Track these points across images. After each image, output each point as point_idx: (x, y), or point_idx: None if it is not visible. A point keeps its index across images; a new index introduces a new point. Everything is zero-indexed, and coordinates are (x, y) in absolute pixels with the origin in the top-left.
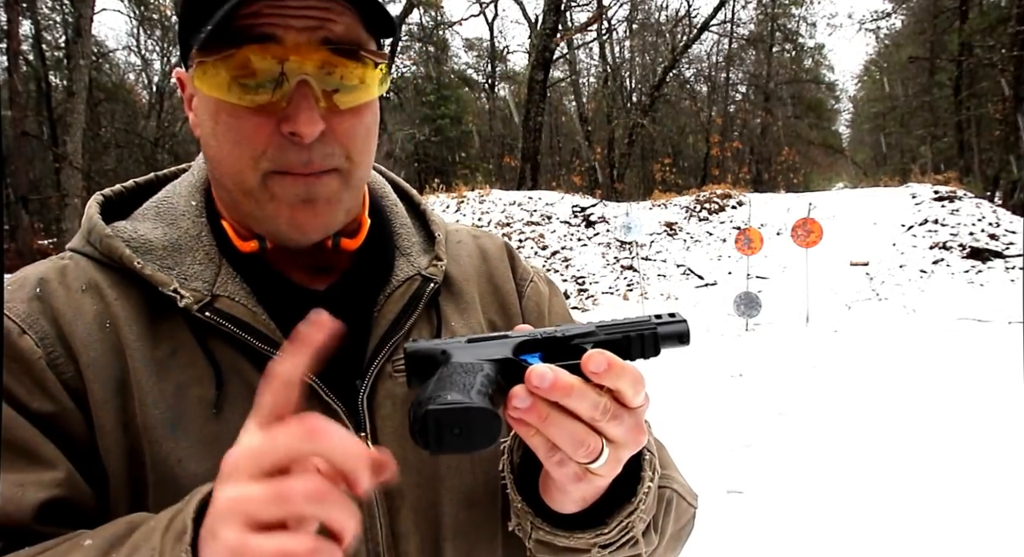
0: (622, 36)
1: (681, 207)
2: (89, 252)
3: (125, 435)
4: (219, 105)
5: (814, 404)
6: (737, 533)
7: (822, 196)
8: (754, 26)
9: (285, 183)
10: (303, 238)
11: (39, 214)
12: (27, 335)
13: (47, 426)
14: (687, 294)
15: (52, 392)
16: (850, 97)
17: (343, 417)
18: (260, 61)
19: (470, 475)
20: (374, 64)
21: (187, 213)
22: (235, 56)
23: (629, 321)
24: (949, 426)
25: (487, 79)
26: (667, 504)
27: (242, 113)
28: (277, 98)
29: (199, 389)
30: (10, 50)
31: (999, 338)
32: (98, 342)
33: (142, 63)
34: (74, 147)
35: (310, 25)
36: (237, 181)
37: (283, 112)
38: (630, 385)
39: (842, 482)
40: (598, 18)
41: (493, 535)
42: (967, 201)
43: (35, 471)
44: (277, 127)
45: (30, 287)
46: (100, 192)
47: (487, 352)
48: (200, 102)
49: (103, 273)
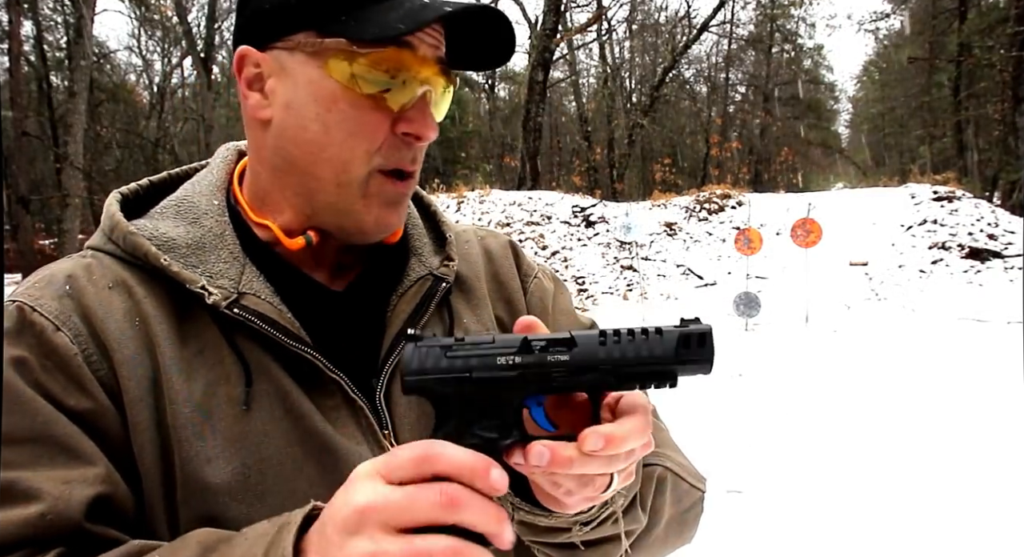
0: (622, 36)
1: (681, 207)
2: (112, 250)
3: (158, 433)
4: (341, 93)
5: (814, 404)
6: (737, 533)
7: (821, 196)
8: (753, 27)
9: (386, 185)
10: (381, 236)
11: (40, 214)
12: (61, 332)
13: (85, 423)
14: (687, 294)
15: (89, 389)
16: (849, 97)
17: (368, 414)
18: (400, 65)
19: None
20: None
21: (210, 212)
22: (381, 53)
23: (645, 356)
24: (949, 426)
25: (487, 79)
26: (658, 483)
27: (368, 107)
28: (405, 100)
29: (227, 387)
30: (11, 51)
31: (998, 338)
32: (130, 339)
33: (143, 64)
34: (75, 147)
35: (435, 43)
36: (340, 170)
37: (404, 114)
38: (636, 441)
39: (842, 482)
40: (598, 18)
41: None
42: (966, 201)
43: (79, 468)
44: (393, 127)
45: (59, 284)
46: (118, 190)
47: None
48: (304, 85)
49: (129, 271)
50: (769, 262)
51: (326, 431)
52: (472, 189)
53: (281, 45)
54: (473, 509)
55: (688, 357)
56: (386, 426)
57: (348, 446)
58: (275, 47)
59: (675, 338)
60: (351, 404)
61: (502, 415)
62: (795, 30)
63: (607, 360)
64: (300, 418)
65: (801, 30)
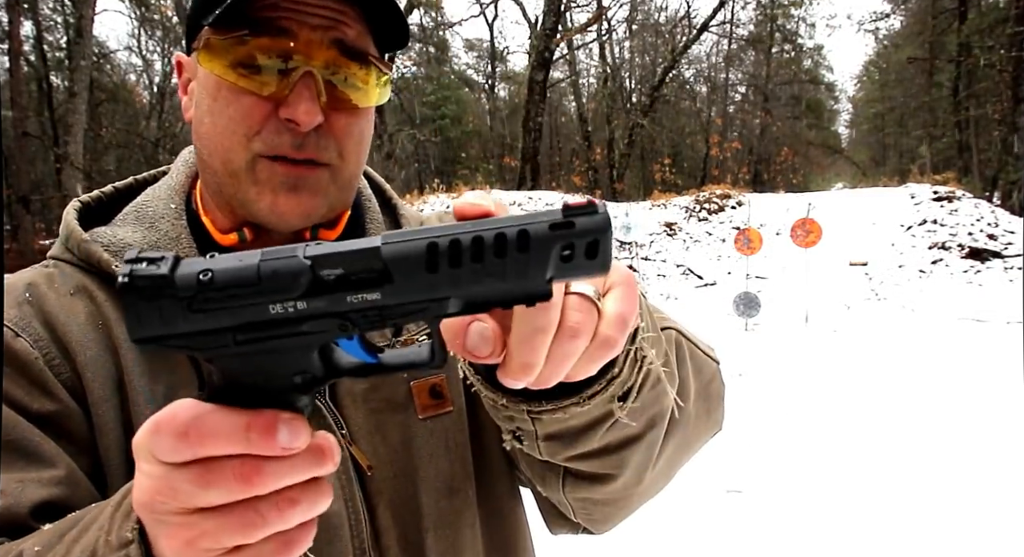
0: (622, 37)
1: (681, 207)
2: (69, 258)
3: (124, 433)
4: (220, 84)
5: (814, 404)
6: (737, 533)
7: (821, 196)
8: (753, 27)
9: (274, 168)
10: (282, 224)
11: (40, 214)
12: (21, 338)
13: (49, 425)
14: (687, 294)
15: (52, 391)
16: (849, 98)
17: (326, 415)
18: (270, 50)
19: (445, 462)
20: (378, 72)
21: (166, 216)
22: (247, 41)
23: (499, 287)
24: (948, 426)
25: (487, 79)
26: (676, 346)
27: (242, 93)
28: (281, 86)
29: (188, 391)
30: (11, 51)
31: (998, 338)
32: (93, 342)
33: (143, 64)
34: (75, 147)
35: (323, 24)
36: (225, 159)
37: (284, 99)
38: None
39: (842, 482)
40: (598, 18)
41: (473, 521)
42: (966, 201)
43: (35, 470)
44: (275, 112)
45: (19, 292)
46: (77, 198)
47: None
48: (200, 81)
49: (89, 277)
50: (769, 262)
51: None
52: (472, 189)
53: (195, 46)
54: (267, 480)
55: (568, 276)
56: (342, 426)
57: None
58: (193, 50)
59: (549, 253)
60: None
61: (303, 366)
62: (795, 30)
63: (442, 293)
64: None
65: (801, 30)
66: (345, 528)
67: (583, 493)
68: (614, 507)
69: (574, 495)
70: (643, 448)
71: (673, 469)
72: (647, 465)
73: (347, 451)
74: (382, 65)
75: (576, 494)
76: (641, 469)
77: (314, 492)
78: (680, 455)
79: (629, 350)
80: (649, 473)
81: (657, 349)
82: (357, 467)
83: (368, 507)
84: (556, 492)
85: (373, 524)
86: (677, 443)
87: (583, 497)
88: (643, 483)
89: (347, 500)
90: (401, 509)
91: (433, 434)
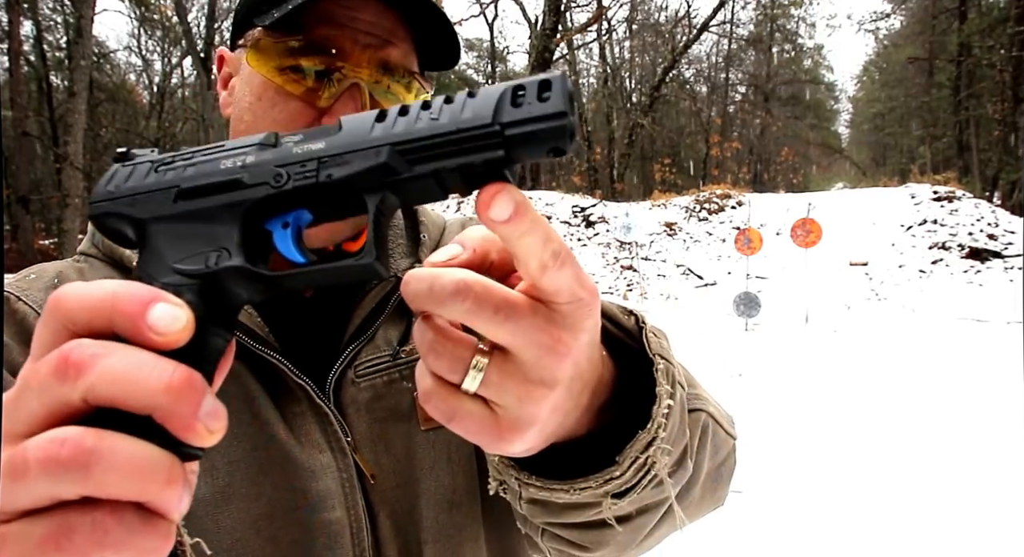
0: (622, 36)
1: (681, 207)
2: (96, 254)
3: None
4: (267, 84)
5: (814, 404)
6: (737, 533)
7: (821, 196)
8: (753, 27)
9: None
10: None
11: (40, 214)
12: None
13: None
14: (687, 294)
15: None
16: (849, 97)
17: (332, 421)
18: (319, 60)
19: (447, 475)
20: (419, 88)
21: None
22: (298, 48)
23: (445, 125)
24: (948, 426)
25: (487, 79)
26: (703, 431)
27: (288, 97)
28: (327, 95)
29: None
30: (11, 50)
31: (998, 338)
32: None
33: (143, 64)
34: (75, 147)
35: (373, 43)
36: None
37: (329, 108)
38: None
39: (842, 482)
40: (598, 18)
41: (476, 536)
42: (966, 201)
43: None
44: (318, 119)
45: (48, 278)
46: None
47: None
48: (244, 79)
49: (118, 273)
50: (769, 262)
51: (288, 440)
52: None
53: (241, 43)
54: (109, 368)
55: (519, 117)
56: (348, 433)
57: (310, 456)
58: (238, 46)
59: (497, 92)
60: (316, 410)
61: (223, 241)
62: (795, 30)
63: (385, 139)
64: (265, 424)
65: (801, 30)
66: (347, 535)
67: (561, 548)
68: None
69: (552, 546)
70: (630, 530)
71: (660, 542)
72: (630, 544)
73: (352, 458)
74: (424, 82)
75: (555, 546)
76: (623, 546)
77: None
78: (670, 531)
79: (638, 458)
80: (632, 550)
81: (677, 446)
82: (361, 476)
83: (370, 516)
84: (535, 537)
85: (375, 533)
86: (671, 524)
87: (561, 549)
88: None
89: (350, 508)
90: (402, 520)
91: (435, 446)
